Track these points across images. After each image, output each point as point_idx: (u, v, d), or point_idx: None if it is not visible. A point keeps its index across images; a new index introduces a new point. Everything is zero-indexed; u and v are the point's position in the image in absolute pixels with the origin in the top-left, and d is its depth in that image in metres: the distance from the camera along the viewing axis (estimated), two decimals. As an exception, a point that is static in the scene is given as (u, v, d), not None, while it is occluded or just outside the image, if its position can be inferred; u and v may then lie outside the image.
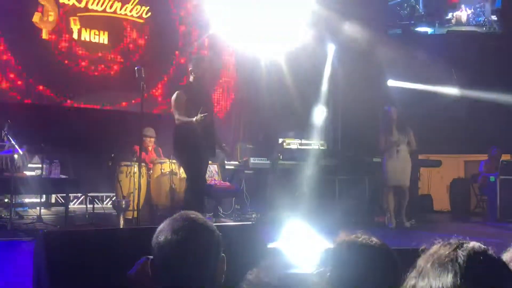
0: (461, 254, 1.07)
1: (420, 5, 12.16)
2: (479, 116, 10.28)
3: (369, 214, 8.44)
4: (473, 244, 1.11)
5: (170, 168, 7.19)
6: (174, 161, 7.48)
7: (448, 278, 1.05)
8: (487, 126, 10.15)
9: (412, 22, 12.14)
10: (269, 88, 9.32)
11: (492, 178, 9.24)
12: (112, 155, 7.07)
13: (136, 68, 5.46)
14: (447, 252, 1.09)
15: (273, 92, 9.22)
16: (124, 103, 9.17)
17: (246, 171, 8.03)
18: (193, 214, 1.62)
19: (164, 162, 7.32)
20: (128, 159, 7.19)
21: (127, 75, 7.64)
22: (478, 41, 11.53)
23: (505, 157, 9.72)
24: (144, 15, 9.62)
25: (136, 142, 6.47)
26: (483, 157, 10.14)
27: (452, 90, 10.63)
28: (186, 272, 1.46)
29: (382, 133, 7.80)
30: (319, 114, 9.32)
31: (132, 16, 9.50)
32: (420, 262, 1.12)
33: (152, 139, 7.83)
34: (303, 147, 8.14)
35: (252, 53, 9.39)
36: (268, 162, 8.08)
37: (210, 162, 7.39)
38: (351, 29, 9.62)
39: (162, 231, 1.55)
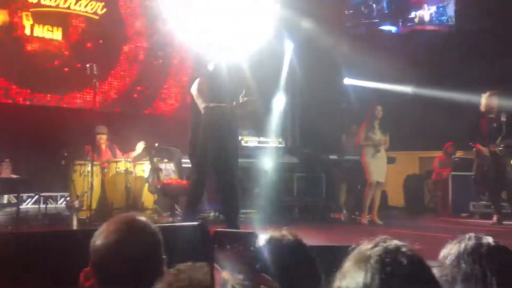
0: (375, 253, 1.08)
1: (384, 3, 12.35)
2: (434, 114, 10.52)
3: (325, 211, 8.54)
4: (391, 243, 1.11)
5: (125, 167, 7.09)
6: (129, 159, 7.38)
7: (361, 278, 1.06)
8: (442, 123, 10.41)
9: (377, 20, 12.33)
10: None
11: (444, 174, 9.49)
12: (65, 154, 6.91)
13: (87, 65, 5.36)
14: (363, 252, 1.10)
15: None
16: (77, 100, 8.98)
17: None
18: (132, 215, 1.59)
19: (119, 161, 7.21)
20: (82, 158, 7.05)
21: (81, 72, 7.49)
22: (437, 40, 11.82)
23: (458, 153, 9.99)
24: (99, 11, 9.45)
25: (90, 140, 6.36)
26: (438, 153, 10.40)
27: (407, 89, 10.84)
28: (124, 275, 1.43)
29: (365, 129, 7.91)
30: (278, 112, 9.35)
31: (86, 12, 9.31)
32: (345, 261, 1.13)
33: (104, 136, 7.69)
34: (261, 145, 8.15)
35: (210, 50, 9.31)
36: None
37: (166, 160, 7.33)
38: (310, 27, 9.69)
39: (100, 234, 1.51)
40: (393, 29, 12.34)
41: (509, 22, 10.32)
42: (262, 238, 1.68)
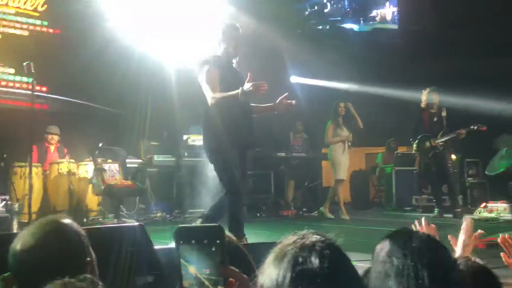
0: (290, 251, 1.08)
1: (346, 2, 12.49)
2: (378, 111, 10.76)
3: (274, 207, 8.60)
4: (309, 239, 1.11)
5: (68, 168, 6.91)
6: (72, 160, 7.20)
7: (275, 276, 1.06)
8: (385, 120, 10.66)
9: (339, 18, 12.48)
10: (175, 83, 9.18)
11: (388, 169, 9.72)
12: (4, 155, 6.68)
13: (24, 63, 5.18)
14: (281, 248, 1.10)
15: (180, 87, 9.10)
16: (17, 100, 8.68)
17: (150, 169, 7.88)
18: (55, 218, 1.55)
19: (61, 162, 7.02)
20: (23, 159, 6.81)
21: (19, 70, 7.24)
22: (386, 39, 12.08)
23: (401, 149, 10.26)
24: (39, 8, 9.15)
25: (33, 140, 6.13)
26: (382, 149, 10.65)
27: (353, 87, 11.02)
28: (45, 279, 1.38)
29: (331, 126, 8.01)
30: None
31: (26, 9, 9.00)
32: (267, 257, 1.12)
33: (56, 137, 7.50)
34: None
35: (158, 48, 9.20)
36: (173, 159, 7.99)
37: (110, 160, 7.19)
38: (255, 26, 9.70)
39: (19, 238, 1.46)
40: (355, 27, 12.53)
41: (449, 23, 10.67)
42: None
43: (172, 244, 1.14)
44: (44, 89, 8.17)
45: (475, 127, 7.57)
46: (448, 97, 8.35)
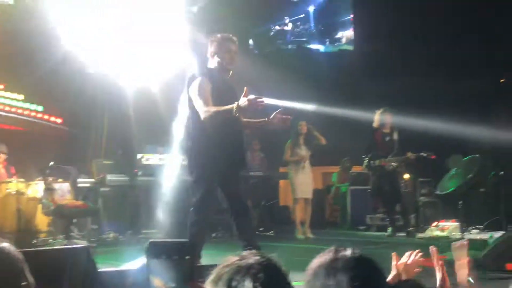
0: (226, 273, 1.07)
1: (312, 23, 12.68)
2: (334, 130, 10.89)
3: (230, 227, 8.51)
4: (247, 260, 1.10)
5: (17, 188, 6.69)
6: (21, 179, 6.99)
7: None
8: (341, 139, 10.78)
9: (305, 39, 12.67)
10: (132, 102, 9.08)
11: (343, 188, 9.82)
12: None
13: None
14: (219, 270, 1.09)
15: (137, 106, 9.00)
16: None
17: (102, 189, 7.71)
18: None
19: (9, 181, 6.81)
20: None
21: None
22: (346, 59, 12.33)
23: (356, 168, 10.38)
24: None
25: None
26: (338, 169, 10.76)
27: (309, 106, 11.13)
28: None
29: (290, 145, 8.01)
30: (181, 129, 9.25)
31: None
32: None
33: (3, 155, 7.28)
34: (163, 162, 8.02)
35: (115, 66, 9.09)
36: (127, 178, 7.85)
37: (61, 180, 7.00)
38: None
39: None
40: (321, 48, 12.76)
41: (402, 44, 10.96)
42: None
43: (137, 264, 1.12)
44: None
45: (425, 155, 7.78)
46: (401, 117, 8.54)
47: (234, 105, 4.07)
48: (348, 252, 1.31)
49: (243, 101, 4.05)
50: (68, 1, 8.28)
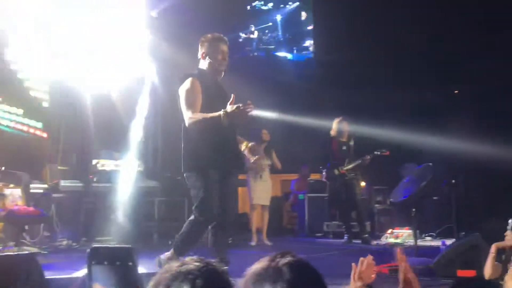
0: (165, 279, 1.06)
1: (280, 31, 12.78)
2: (293, 138, 10.98)
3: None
4: (187, 267, 1.09)
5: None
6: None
7: None
8: (300, 147, 10.88)
9: (272, 46, 12.76)
10: (88, 106, 8.91)
11: (301, 196, 9.89)
12: None
13: None
14: (157, 277, 1.08)
15: (93, 111, 8.84)
16: None
17: (56, 195, 7.52)
18: None
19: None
20: None
21: None
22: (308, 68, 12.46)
23: (313, 176, 10.48)
24: None
25: None
26: (295, 176, 10.83)
27: (271, 114, 11.19)
28: None
29: (251, 150, 7.97)
30: (138, 135, 9.15)
31: None
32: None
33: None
34: (119, 168, 7.89)
35: (73, 71, 8.92)
36: (81, 184, 7.69)
37: (12, 185, 6.80)
38: (174, 52, 9.65)
39: None
40: (289, 56, 12.89)
41: (360, 55, 11.15)
42: None
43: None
44: None
45: (379, 152, 7.94)
46: (358, 126, 8.68)
47: (222, 113, 3.92)
48: (286, 258, 1.30)
49: (230, 108, 3.91)
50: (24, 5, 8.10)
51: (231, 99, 3.99)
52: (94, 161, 7.91)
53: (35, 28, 8.16)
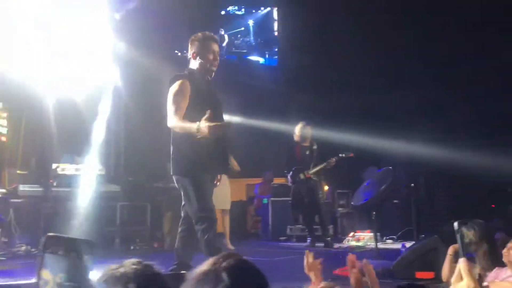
0: (99, 278, 1.06)
1: (251, 36, 12.82)
2: (257, 142, 11.01)
3: (150, 240, 8.38)
4: (120, 269, 1.10)
5: None
6: None
7: None
8: (264, 151, 10.92)
9: (245, 50, 12.79)
10: (49, 110, 8.74)
11: (265, 200, 9.92)
12: None
13: None
14: (98, 279, 1.08)
15: (57, 113, 8.67)
16: None
17: (14, 200, 7.34)
18: None
19: None
20: None
21: None
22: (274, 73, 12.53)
23: (277, 180, 10.53)
24: None
25: None
26: (259, 180, 10.86)
27: (235, 118, 11.19)
28: None
29: None
30: (100, 139, 9.01)
31: None
32: None
33: None
34: (80, 172, 7.76)
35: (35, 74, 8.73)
36: (41, 189, 7.53)
37: None
38: (138, 55, 9.56)
39: None
40: (261, 60, 12.95)
41: (326, 60, 11.28)
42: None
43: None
44: None
45: (343, 155, 8.05)
46: (321, 131, 8.77)
47: (195, 126, 3.78)
48: (227, 262, 1.29)
49: (203, 124, 3.74)
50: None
51: (207, 115, 3.79)
52: (54, 165, 7.76)
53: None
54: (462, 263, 1.67)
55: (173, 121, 3.96)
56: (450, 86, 9.88)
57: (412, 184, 8.68)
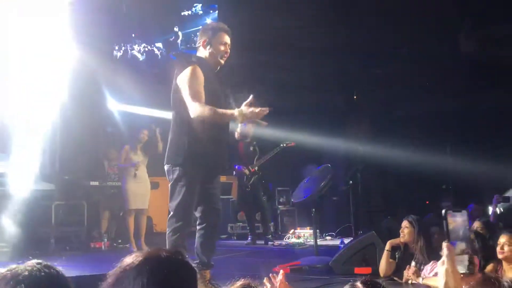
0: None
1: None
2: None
3: (86, 240, 8.15)
4: (16, 270, 1.07)
5: None
6: None
7: None
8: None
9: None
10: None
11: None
12: None
13: None
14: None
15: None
16: None
17: None
18: None
19: None
20: None
21: None
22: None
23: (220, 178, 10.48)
24: None
25: None
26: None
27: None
28: None
29: (125, 151, 7.66)
30: (33, 136, 8.66)
31: None
32: None
33: None
34: (10, 171, 7.41)
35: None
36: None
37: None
38: (77, 52, 9.26)
39: None
40: None
41: (263, 58, 11.30)
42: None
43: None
44: None
45: (285, 144, 8.14)
46: (263, 128, 8.78)
47: (236, 112, 3.70)
48: (160, 254, 1.27)
49: (246, 110, 3.69)
50: None
51: (249, 99, 3.76)
52: (-17, 163, 7.39)
53: None
54: (445, 247, 1.73)
55: (199, 108, 3.74)
56: (387, 86, 10.12)
57: (351, 182, 8.85)
